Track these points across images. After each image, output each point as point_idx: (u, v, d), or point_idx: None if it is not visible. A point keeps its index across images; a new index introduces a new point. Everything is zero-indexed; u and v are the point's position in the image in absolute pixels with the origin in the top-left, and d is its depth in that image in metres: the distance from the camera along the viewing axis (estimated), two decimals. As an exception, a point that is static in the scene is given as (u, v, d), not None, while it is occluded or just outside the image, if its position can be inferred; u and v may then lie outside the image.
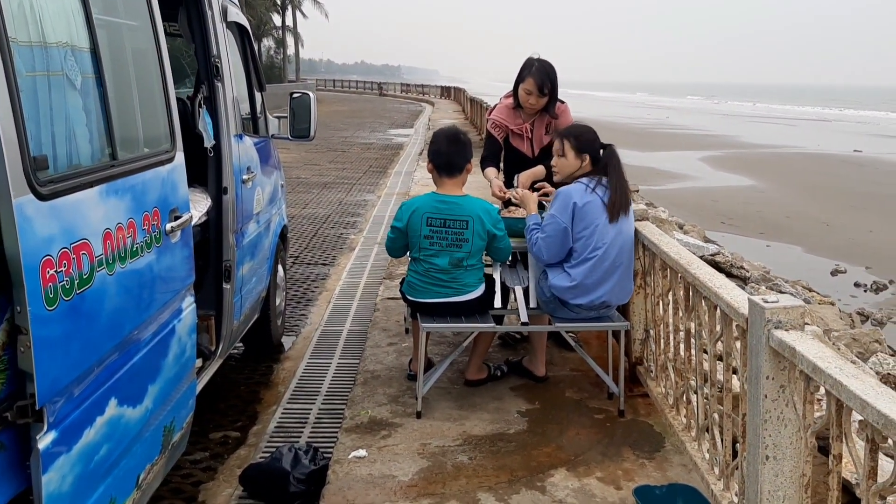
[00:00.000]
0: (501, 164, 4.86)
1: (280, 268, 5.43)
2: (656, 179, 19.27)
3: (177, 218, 2.91)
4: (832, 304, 9.85)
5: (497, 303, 3.85)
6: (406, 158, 17.72)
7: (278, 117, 5.30)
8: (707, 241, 11.77)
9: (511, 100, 4.60)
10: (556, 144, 3.93)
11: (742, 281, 9.73)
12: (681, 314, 3.33)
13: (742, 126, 43.86)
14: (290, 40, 63.42)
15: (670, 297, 3.48)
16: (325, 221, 10.20)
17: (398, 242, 3.82)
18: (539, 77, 4.38)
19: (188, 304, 3.12)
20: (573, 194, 3.72)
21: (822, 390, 2.04)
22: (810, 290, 10.17)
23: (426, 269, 3.71)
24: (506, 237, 3.79)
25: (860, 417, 1.88)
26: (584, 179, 3.78)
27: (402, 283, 3.96)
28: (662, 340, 3.70)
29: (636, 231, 3.82)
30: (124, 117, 2.65)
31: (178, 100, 4.77)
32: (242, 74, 4.68)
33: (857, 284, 10.74)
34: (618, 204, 3.70)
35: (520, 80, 4.48)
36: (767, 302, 2.25)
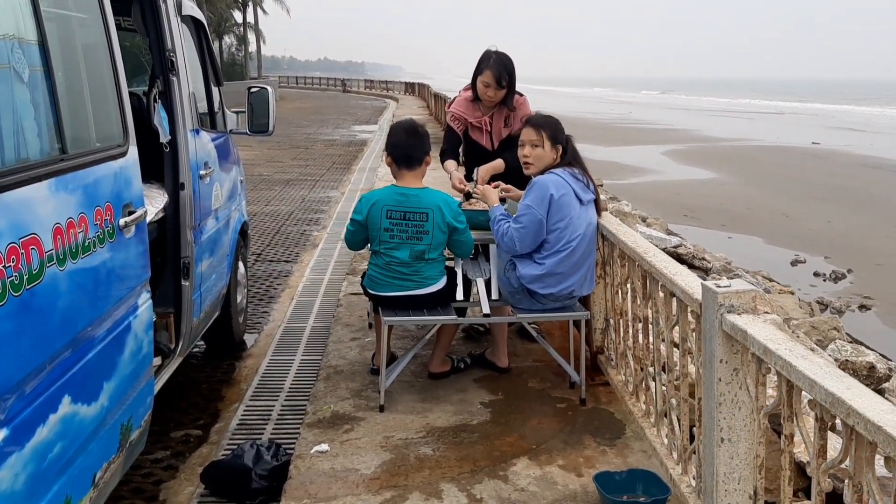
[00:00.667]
0: (462, 157, 4.87)
1: (241, 265, 5.39)
2: (620, 174, 19.43)
3: (131, 213, 2.87)
4: (792, 293, 10.01)
5: (459, 295, 3.86)
6: (370, 154, 17.66)
7: (237, 112, 5.25)
8: (670, 233, 11.91)
9: (470, 93, 4.60)
10: (533, 135, 3.88)
11: (704, 272, 9.85)
12: (639, 302, 3.37)
13: (702, 120, 44.37)
14: (251, 37, 62.84)
15: (628, 285, 3.52)
16: (287, 218, 10.14)
17: (358, 235, 3.81)
18: (497, 69, 4.38)
19: (144, 301, 3.08)
20: (550, 185, 3.72)
21: (774, 372, 2.07)
22: (770, 280, 10.33)
23: (387, 262, 3.71)
24: (467, 230, 3.79)
25: (810, 397, 1.91)
26: (559, 170, 3.79)
27: (363, 277, 3.95)
28: (622, 329, 3.74)
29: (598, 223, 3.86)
30: (74, 111, 2.61)
31: (133, 95, 4.71)
32: (199, 69, 4.63)
33: (816, 274, 10.90)
34: (597, 194, 3.74)
35: (478, 72, 4.48)
36: (720, 287, 2.29)
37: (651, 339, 3.27)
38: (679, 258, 9.81)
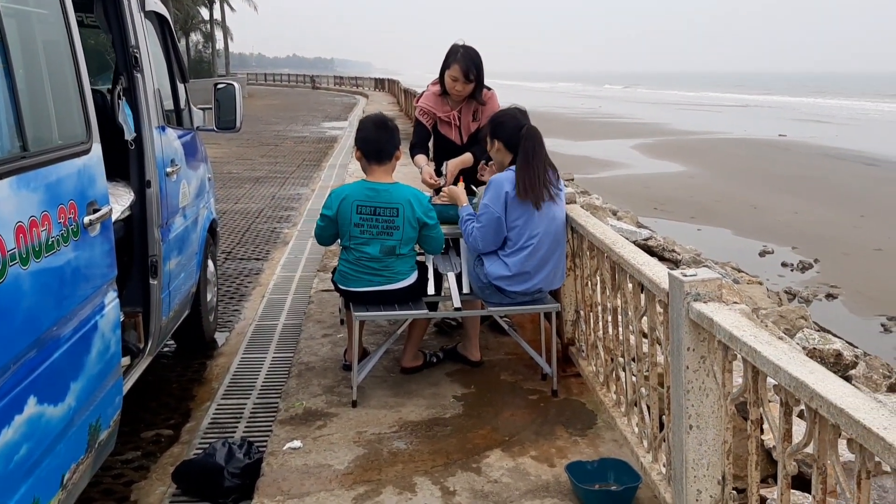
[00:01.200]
0: (431, 152, 4.87)
1: (210, 263, 5.35)
2: (590, 168, 19.55)
3: (95, 211, 2.84)
4: (760, 283, 10.14)
5: (430, 290, 3.87)
6: (340, 151, 17.59)
7: (203, 109, 5.21)
8: (640, 226, 12.01)
9: (438, 87, 4.59)
10: (488, 145, 3.96)
11: (674, 264, 9.94)
12: (608, 293, 3.39)
13: (670, 113, 44.77)
14: (218, 34, 62.23)
15: (598, 277, 3.55)
16: (258, 216, 10.07)
17: (328, 231, 3.80)
18: (465, 63, 4.37)
19: (111, 300, 3.05)
20: (504, 183, 3.75)
21: (740, 359, 2.10)
22: (739, 271, 10.46)
23: (357, 257, 3.70)
24: (438, 227, 3.80)
25: (776, 383, 1.94)
26: (510, 170, 3.81)
27: (333, 272, 3.94)
28: (592, 320, 3.76)
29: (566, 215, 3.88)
30: (35, 109, 2.58)
31: (97, 91, 4.65)
32: (164, 65, 4.59)
33: (784, 264, 11.06)
34: (527, 188, 3.70)
35: (445, 66, 4.47)
36: (686, 276, 2.31)
37: (620, 329, 3.30)
38: (649, 251, 9.89)
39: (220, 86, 5.05)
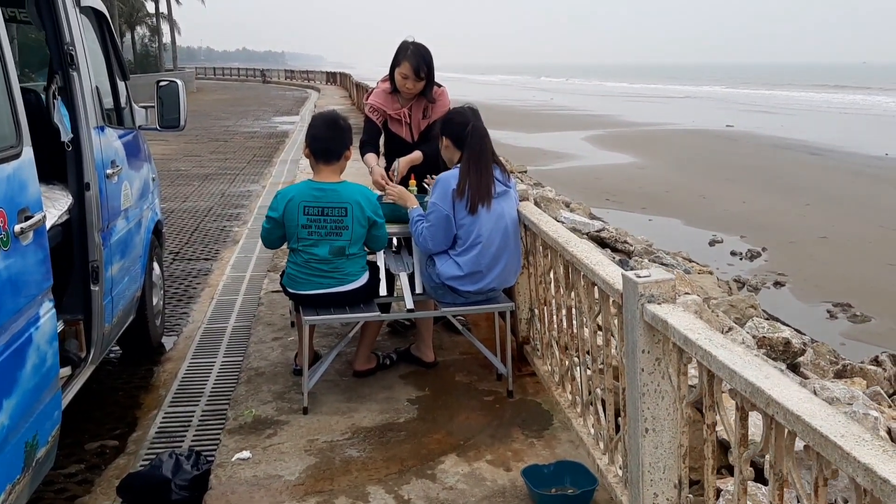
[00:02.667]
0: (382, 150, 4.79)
1: (156, 265, 5.20)
2: (543, 160, 19.62)
3: (27, 218, 2.70)
4: (710, 273, 10.28)
5: (382, 290, 3.79)
6: (292, 146, 17.35)
7: (145, 107, 5.05)
8: (593, 217, 12.09)
9: (388, 84, 4.51)
10: (440, 142, 3.91)
11: (626, 255, 10.01)
12: (562, 291, 3.36)
13: (621, 105, 45.25)
14: (165, 28, 61.03)
15: (552, 275, 3.51)
16: (206, 214, 9.87)
17: (274, 233, 3.70)
18: (415, 61, 4.30)
19: (46, 310, 2.91)
20: (451, 180, 3.69)
21: (696, 362, 2.07)
22: (690, 261, 10.58)
23: (306, 259, 3.61)
24: (383, 226, 3.73)
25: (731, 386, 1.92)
26: (457, 167, 3.76)
27: (282, 275, 3.83)
28: (547, 319, 3.73)
29: (518, 212, 3.83)
30: (-41, 112, 2.44)
31: (31, 91, 4.47)
32: (102, 63, 4.43)
33: (733, 253, 11.21)
34: (468, 188, 3.65)
35: (395, 64, 4.39)
36: (640, 277, 2.28)
37: (575, 328, 3.27)
38: (602, 242, 9.95)
39: (162, 83, 4.90)
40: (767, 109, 42.46)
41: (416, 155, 4.29)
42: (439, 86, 4.51)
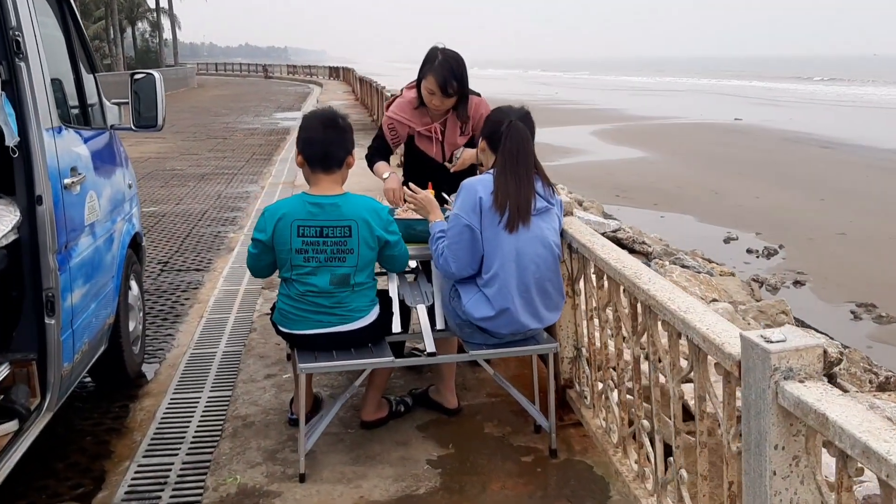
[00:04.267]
0: (397, 165, 4.11)
1: (133, 285, 4.53)
2: (552, 155, 18.98)
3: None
4: (732, 274, 9.82)
5: (396, 327, 3.10)
6: (293, 144, 16.66)
7: (118, 104, 4.38)
8: (607, 216, 11.51)
9: (414, 94, 3.79)
10: (479, 144, 3.27)
11: (645, 256, 9.48)
12: (625, 334, 2.67)
13: (625, 99, 44.74)
14: (166, 23, 60.33)
15: (609, 312, 2.82)
16: (201, 218, 9.19)
17: (262, 260, 3.02)
18: (441, 75, 3.56)
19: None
20: (478, 187, 3.01)
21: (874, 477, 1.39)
22: (710, 262, 10.11)
23: (301, 292, 2.93)
24: (401, 242, 3.04)
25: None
26: (493, 170, 3.08)
27: (272, 309, 3.15)
28: (596, 360, 3.04)
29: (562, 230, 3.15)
30: None
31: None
32: (64, 52, 3.76)
33: (749, 251, 10.84)
34: (504, 199, 2.96)
35: (421, 75, 3.67)
36: (772, 342, 1.60)
37: (644, 382, 2.58)
38: (619, 243, 9.34)
39: (137, 76, 4.23)
40: (775, 102, 42.01)
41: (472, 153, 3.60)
42: (476, 94, 3.81)
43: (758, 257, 10.58)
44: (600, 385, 3.01)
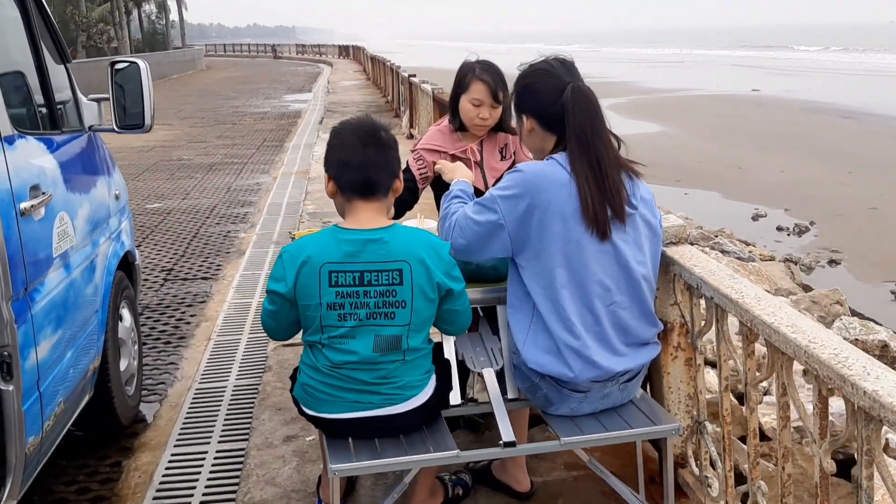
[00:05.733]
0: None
1: (126, 314, 3.81)
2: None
3: None
4: (772, 258, 9.25)
5: (455, 397, 2.34)
6: (305, 128, 15.91)
7: (97, 100, 3.63)
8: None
9: (445, 124, 3.26)
10: (517, 123, 2.44)
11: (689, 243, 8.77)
12: (796, 417, 1.90)
13: (638, 71, 43.96)
14: (173, 5, 59.38)
15: (771, 385, 2.05)
16: (209, 215, 8.47)
17: (283, 318, 2.20)
18: (491, 79, 3.05)
19: None
20: (541, 176, 2.18)
21: None
22: (747, 244, 9.61)
23: (335, 363, 2.13)
24: (465, 293, 2.25)
25: None
26: (560, 156, 2.23)
27: (293, 381, 2.38)
28: (725, 440, 2.26)
29: (669, 261, 2.37)
30: None
31: None
32: (21, 38, 3.00)
33: (779, 228, 10.45)
34: (597, 202, 2.16)
35: (460, 90, 3.12)
36: None
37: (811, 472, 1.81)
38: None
39: (119, 65, 3.49)
40: (792, 72, 41.20)
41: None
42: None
43: (789, 235, 10.18)
44: (746, 486, 2.15)
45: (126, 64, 3.47)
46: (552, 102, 2.23)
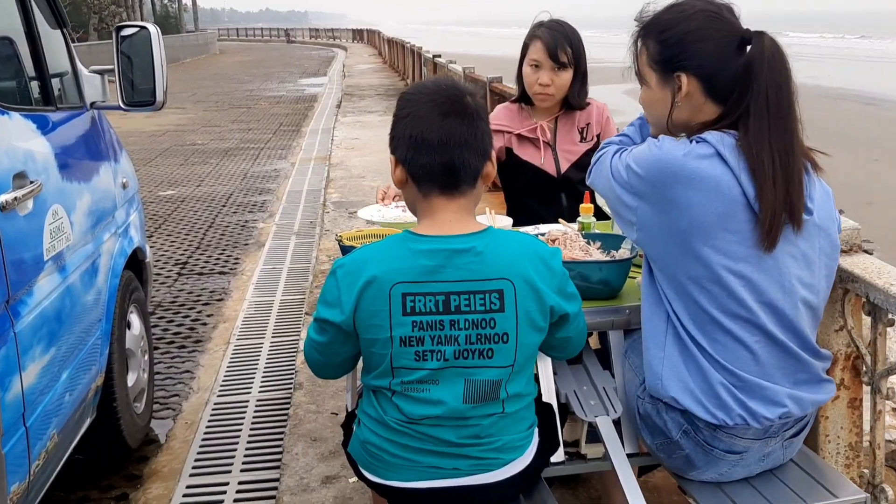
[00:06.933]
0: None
1: (135, 320, 3.32)
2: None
3: None
4: None
5: (559, 454, 1.81)
6: (322, 112, 15.39)
7: (101, 71, 3.11)
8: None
9: (513, 104, 2.81)
10: (653, 80, 1.78)
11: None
12: None
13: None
14: (185, -12, 58.77)
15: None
16: (225, 203, 7.97)
17: (336, 353, 1.64)
18: (550, 36, 2.59)
19: None
20: (684, 163, 1.61)
21: None
22: None
23: (411, 417, 1.56)
24: (581, 313, 1.68)
25: None
26: (714, 137, 1.64)
27: (344, 428, 1.84)
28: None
29: (842, 275, 1.82)
30: None
31: None
32: (9, 1, 2.49)
33: None
34: (776, 204, 1.59)
35: (523, 53, 2.69)
36: None
37: None
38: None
39: (126, 32, 2.96)
40: (807, 58, 40.35)
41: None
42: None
43: (818, 226, 9.76)
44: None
45: (134, 30, 2.95)
46: (729, 56, 1.66)
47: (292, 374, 3.79)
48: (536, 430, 1.65)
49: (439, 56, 12.41)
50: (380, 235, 2.12)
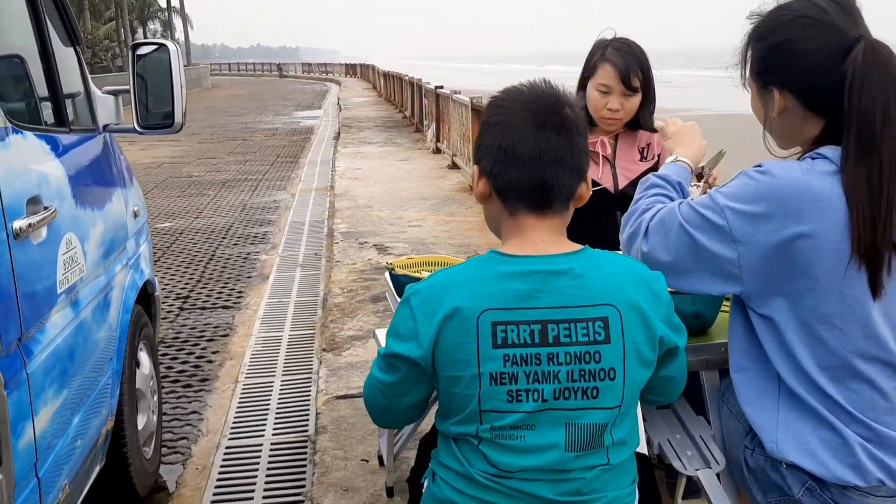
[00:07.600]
0: None
1: (144, 358, 3.10)
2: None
3: None
4: None
5: (654, 510, 1.60)
6: (320, 143, 15.26)
7: (114, 92, 2.93)
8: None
9: None
10: (756, 87, 1.60)
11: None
12: None
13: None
14: (178, 24, 59.12)
15: None
16: (225, 235, 7.76)
17: (405, 395, 1.43)
18: (623, 60, 2.46)
19: None
20: (806, 186, 1.43)
21: None
22: None
23: (504, 469, 1.34)
24: (683, 351, 1.46)
25: None
26: (830, 151, 1.47)
27: (410, 486, 1.62)
28: None
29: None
30: None
31: None
32: (20, 13, 2.31)
33: None
34: (877, 236, 1.39)
35: (587, 73, 2.56)
36: None
37: None
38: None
39: (142, 50, 2.79)
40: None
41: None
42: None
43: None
44: None
45: (152, 48, 2.78)
46: (828, 69, 1.45)
47: (307, 415, 3.58)
48: (636, 484, 1.44)
49: (441, 87, 12.30)
50: (433, 262, 1.93)
